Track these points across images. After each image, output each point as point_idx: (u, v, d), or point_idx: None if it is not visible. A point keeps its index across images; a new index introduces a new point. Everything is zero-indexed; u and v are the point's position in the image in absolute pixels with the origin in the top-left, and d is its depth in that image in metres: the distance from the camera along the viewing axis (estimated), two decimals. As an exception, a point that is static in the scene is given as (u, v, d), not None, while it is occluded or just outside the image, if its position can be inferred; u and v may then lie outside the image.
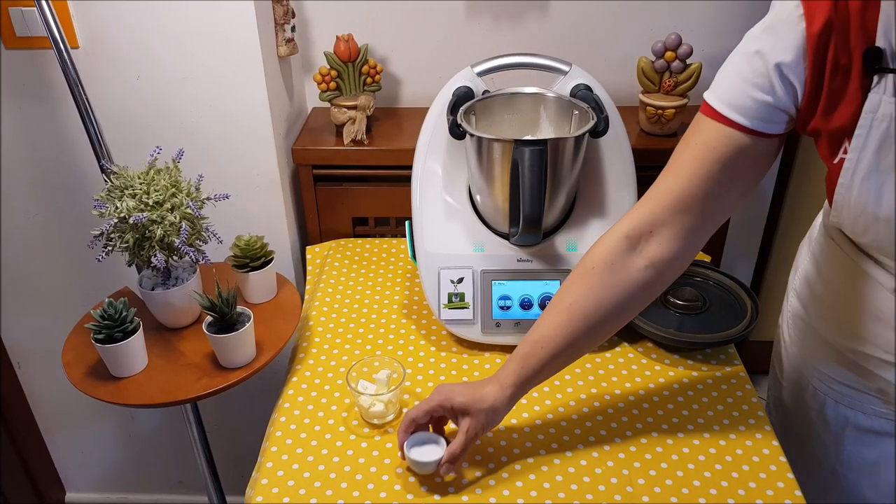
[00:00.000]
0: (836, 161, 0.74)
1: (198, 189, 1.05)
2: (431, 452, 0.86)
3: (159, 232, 0.99)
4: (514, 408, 0.97)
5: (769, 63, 0.71)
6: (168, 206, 1.00)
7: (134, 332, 0.99)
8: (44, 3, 1.04)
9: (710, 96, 0.78)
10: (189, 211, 1.01)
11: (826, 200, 0.94)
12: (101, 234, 1.00)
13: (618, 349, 1.09)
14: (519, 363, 0.85)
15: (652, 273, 0.83)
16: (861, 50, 0.67)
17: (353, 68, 1.33)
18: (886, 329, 0.84)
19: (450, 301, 1.07)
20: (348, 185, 1.38)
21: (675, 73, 1.31)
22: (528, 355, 0.85)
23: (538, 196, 0.95)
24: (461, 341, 1.10)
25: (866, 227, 0.75)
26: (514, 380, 0.85)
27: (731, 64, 0.76)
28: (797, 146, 1.68)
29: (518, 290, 1.07)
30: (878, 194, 0.71)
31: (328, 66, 1.32)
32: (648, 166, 1.20)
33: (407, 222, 1.14)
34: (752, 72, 0.73)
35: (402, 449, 0.87)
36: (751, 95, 0.74)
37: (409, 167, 1.13)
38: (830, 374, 0.94)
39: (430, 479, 0.88)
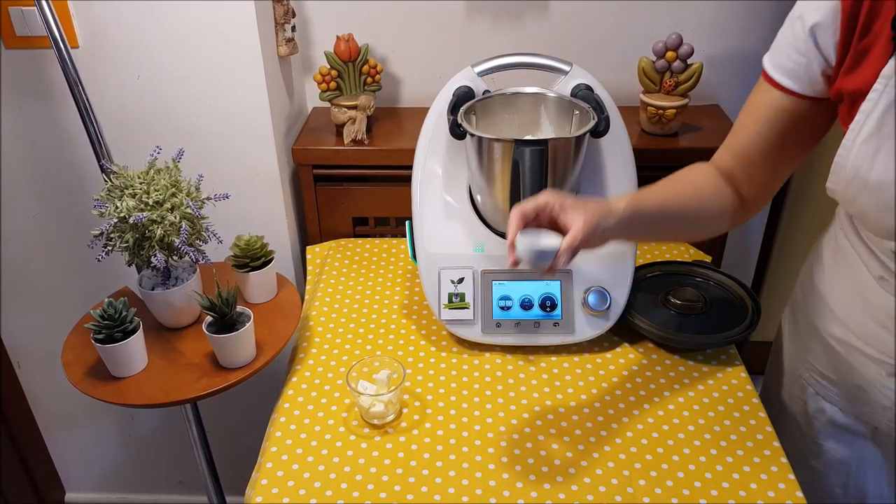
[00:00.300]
0: (849, 127, 0.75)
1: (198, 189, 1.05)
2: (547, 245, 0.78)
3: (159, 232, 0.99)
4: (514, 407, 0.98)
5: (806, 26, 0.75)
6: (168, 205, 1.00)
7: (134, 332, 0.99)
8: (44, 3, 1.03)
9: (764, 58, 0.82)
10: (189, 211, 1.01)
11: None
12: (101, 233, 1.00)
13: (618, 349, 1.09)
14: (631, 195, 0.86)
15: (738, 204, 0.90)
16: (892, 16, 0.68)
17: (353, 68, 1.33)
18: (870, 320, 0.85)
19: (450, 301, 1.07)
20: (348, 184, 1.38)
21: (675, 73, 1.31)
22: (640, 195, 0.87)
23: (539, 196, 0.95)
24: (461, 341, 1.10)
25: (856, 193, 0.76)
26: (627, 200, 0.83)
27: (782, 28, 0.81)
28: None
29: (518, 290, 1.07)
30: (872, 159, 0.72)
31: (328, 66, 1.32)
32: (649, 166, 1.20)
33: (407, 222, 1.13)
34: (793, 35, 0.77)
35: (511, 246, 0.79)
36: (791, 57, 0.78)
37: (410, 167, 1.13)
38: (816, 365, 0.96)
39: (429, 479, 0.87)
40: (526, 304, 1.06)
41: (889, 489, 0.95)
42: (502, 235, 1.08)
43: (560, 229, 0.80)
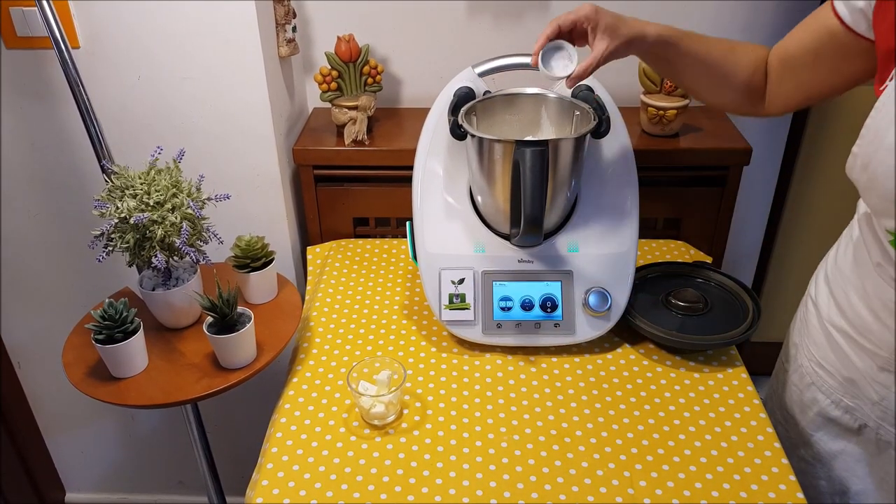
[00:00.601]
0: (881, 88, 0.75)
1: (199, 189, 1.05)
2: (563, 68, 0.94)
3: (160, 232, 0.99)
4: (515, 408, 0.98)
5: None
6: (169, 206, 1.00)
7: (134, 332, 0.99)
8: (44, 3, 1.03)
9: None
10: (190, 211, 1.01)
11: None
12: (102, 234, 1.00)
13: (619, 350, 1.09)
14: (670, 28, 0.94)
15: (757, 91, 0.95)
16: None
17: (353, 68, 1.33)
18: (866, 309, 0.85)
19: (450, 302, 1.07)
20: (349, 185, 1.38)
21: (676, 74, 1.30)
22: (675, 31, 0.94)
23: (539, 197, 0.95)
24: (462, 342, 1.10)
25: (871, 156, 0.75)
26: (660, 32, 0.93)
27: None
28: (799, 147, 1.68)
29: (519, 291, 1.07)
30: (891, 120, 0.71)
31: (329, 67, 1.32)
32: (650, 167, 1.20)
33: (408, 223, 1.13)
34: None
35: (536, 54, 0.93)
36: None
37: (410, 167, 1.13)
38: (815, 354, 0.96)
39: (429, 480, 0.87)
40: (526, 305, 1.06)
41: (873, 488, 0.95)
42: (503, 236, 1.08)
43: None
